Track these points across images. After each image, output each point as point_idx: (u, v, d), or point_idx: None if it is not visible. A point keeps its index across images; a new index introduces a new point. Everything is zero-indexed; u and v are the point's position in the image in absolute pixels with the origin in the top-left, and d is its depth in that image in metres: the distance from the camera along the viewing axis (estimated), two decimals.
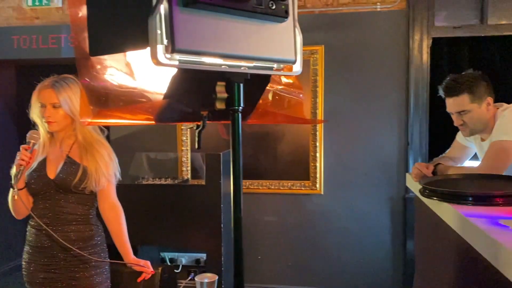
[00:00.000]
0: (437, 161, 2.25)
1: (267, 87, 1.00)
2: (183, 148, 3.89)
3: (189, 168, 3.90)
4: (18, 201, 1.96)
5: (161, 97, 0.88)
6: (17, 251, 4.51)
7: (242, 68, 0.89)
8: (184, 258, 3.87)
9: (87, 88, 0.81)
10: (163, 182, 3.45)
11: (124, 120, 0.89)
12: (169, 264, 3.81)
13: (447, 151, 2.42)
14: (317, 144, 3.66)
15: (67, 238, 2.01)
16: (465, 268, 1.44)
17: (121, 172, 2.16)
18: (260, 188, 3.79)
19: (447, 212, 1.53)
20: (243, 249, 0.89)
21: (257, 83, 0.96)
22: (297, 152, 3.71)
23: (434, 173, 2.09)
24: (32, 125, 2.10)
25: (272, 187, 3.77)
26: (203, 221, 3.15)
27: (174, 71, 0.88)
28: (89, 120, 0.82)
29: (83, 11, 0.84)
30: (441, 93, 2.19)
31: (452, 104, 2.13)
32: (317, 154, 3.66)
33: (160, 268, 3.21)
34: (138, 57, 0.90)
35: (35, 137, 1.97)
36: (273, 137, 3.76)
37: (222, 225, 3.08)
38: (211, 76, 0.88)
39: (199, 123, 0.93)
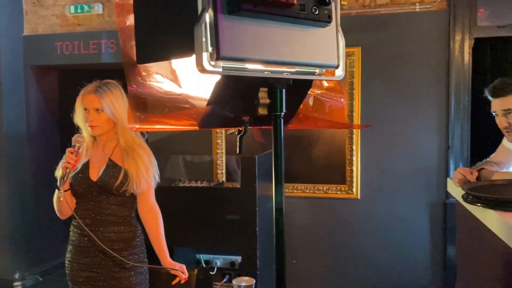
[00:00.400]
0: (481, 166, 2.16)
1: (308, 92, 1.00)
2: (218, 151, 3.93)
3: (224, 171, 3.94)
4: (63, 202, 2.02)
5: (205, 103, 0.89)
6: (59, 250, 4.68)
7: (285, 73, 0.89)
8: (219, 260, 3.89)
9: (134, 95, 0.83)
10: (199, 184, 3.49)
11: (169, 126, 0.90)
12: (204, 265, 3.85)
13: (492, 155, 2.33)
14: (354, 147, 3.61)
15: (108, 239, 2.06)
16: (510, 276, 1.38)
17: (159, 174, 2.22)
18: (295, 191, 3.77)
19: (491, 219, 1.47)
20: (285, 253, 0.89)
21: (298, 89, 0.95)
22: (332, 155, 3.67)
23: (477, 178, 2.01)
24: (76, 129, 2.17)
25: (307, 191, 3.75)
26: (238, 224, 3.17)
27: (217, 77, 0.89)
28: (137, 126, 0.84)
29: (130, 20, 0.87)
30: (487, 93, 2.12)
31: (498, 104, 2.05)
32: (354, 158, 3.61)
33: (196, 270, 3.25)
34: (182, 64, 0.91)
35: (80, 140, 2.01)
36: (308, 140, 3.74)
37: (257, 228, 3.08)
38: (253, 82, 0.89)
39: (240, 128, 0.93)
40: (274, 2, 0.81)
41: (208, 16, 0.79)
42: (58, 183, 1.99)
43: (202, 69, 0.79)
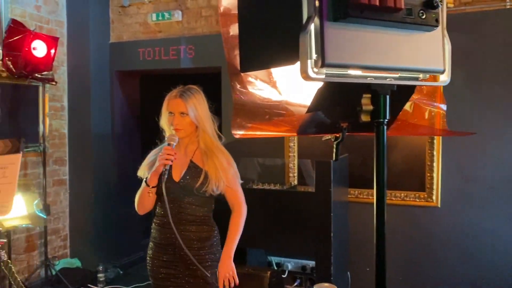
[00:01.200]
0: None
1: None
2: (290, 154, 3.93)
3: (296, 175, 3.93)
4: (150, 198, 2.13)
5: (304, 109, 0.89)
6: (138, 245, 4.94)
7: (388, 79, 0.86)
8: (290, 264, 3.89)
9: (238, 103, 0.86)
10: (272, 187, 3.51)
11: (269, 133, 0.92)
12: (275, 268, 3.86)
13: None
14: (434, 153, 3.43)
15: (187, 238, 2.14)
16: None
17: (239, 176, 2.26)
18: (370, 197, 3.66)
19: None
20: (386, 265, 0.86)
21: (400, 94, 0.93)
22: (411, 161, 3.52)
23: None
24: (159, 131, 2.28)
25: None
26: (311, 228, 3.14)
27: (317, 84, 0.89)
28: (240, 133, 0.86)
29: (233, 30, 0.89)
30: None
31: None
32: (434, 164, 3.44)
33: (269, 272, 3.28)
34: (282, 72, 0.92)
35: (174, 138, 2.09)
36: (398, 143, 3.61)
37: (332, 234, 3.04)
38: (355, 88, 0.88)
39: (337, 135, 0.92)
40: (382, 8, 0.79)
41: (313, 24, 0.79)
42: (149, 181, 2.09)
43: (306, 76, 0.79)
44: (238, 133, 0.87)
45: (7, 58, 3.70)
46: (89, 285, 4.17)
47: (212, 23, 4.17)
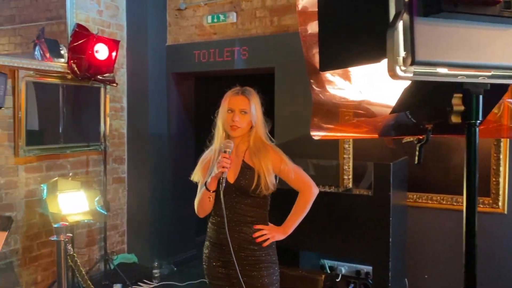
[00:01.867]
0: None
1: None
2: (345, 156, 3.85)
3: (350, 177, 3.84)
4: (211, 202, 2.15)
5: (385, 109, 0.85)
6: (191, 243, 5.03)
7: (480, 77, 0.81)
8: (344, 268, 3.81)
9: (317, 103, 0.84)
10: (327, 189, 3.46)
11: (350, 134, 0.89)
12: (328, 271, 3.80)
13: None
14: (501, 156, 3.24)
15: (243, 239, 2.14)
16: None
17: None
18: (429, 202, 3.52)
19: None
20: (476, 274, 0.81)
21: (490, 94, 0.87)
22: None
23: None
24: (212, 128, 2.28)
25: (444, 202, 3.47)
26: (368, 232, 3.06)
27: (400, 83, 0.85)
28: (321, 134, 0.84)
29: (312, 28, 0.87)
30: None
31: None
32: (500, 168, 3.24)
33: (323, 276, 3.23)
34: (362, 70, 0.89)
35: (230, 145, 2.11)
36: (446, 147, 3.46)
37: (390, 239, 2.94)
38: (444, 88, 0.83)
39: (421, 137, 0.88)
40: (477, 1, 0.74)
41: (402, 20, 0.76)
42: (209, 185, 2.12)
43: (394, 75, 0.76)
44: (318, 135, 0.84)
45: (72, 61, 3.89)
46: (144, 280, 4.30)
47: (266, 24, 4.17)
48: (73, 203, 3.67)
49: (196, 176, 2.28)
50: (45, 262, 3.91)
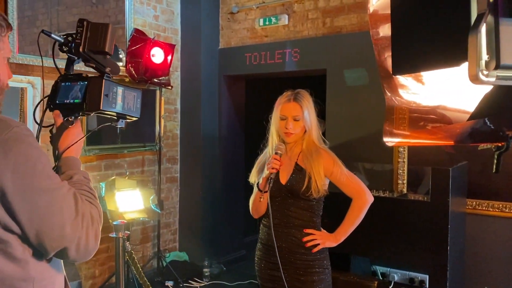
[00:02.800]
0: None
1: None
2: (399, 160, 3.74)
3: (405, 181, 3.73)
4: (263, 202, 2.16)
5: (462, 115, 0.82)
6: (240, 243, 5.08)
7: None
8: (396, 275, 3.69)
9: (390, 108, 0.82)
10: (381, 194, 3.37)
11: (424, 141, 0.86)
12: (380, 278, 3.71)
13: None
14: None
15: (293, 242, 2.14)
16: None
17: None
18: (490, 210, 3.34)
19: None
20: None
21: None
22: None
23: None
24: (264, 135, 2.30)
25: (506, 210, 3.28)
26: (424, 239, 2.96)
27: (479, 87, 0.82)
28: (395, 140, 0.82)
29: (384, 31, 0.85)
30: None
31: None
32: None
33: (376, 282, 3.16)
34: (438, 74, 0.86)
35: (282, 148, 2.15)
36: (509, 152, 3.27)
37: (449, 247, 2.82)
38: None
39: (500, 144, 0.83)
40: None
41: (486, 21, 0.73)
42: (261, 186, 2.15)
43: (476, 80, 0.73)
44: (391, 141, 0.82)
45: (130, 65, 4.05)
46: (195, 278, 4.39)
47: (318, 25, 4.14)
48: (130, 201, 3.81)
49: (252, 177, 2.32)
50: (102, 257, 4.09)
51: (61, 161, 1.21)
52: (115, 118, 1.34)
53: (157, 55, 4.08)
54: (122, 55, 4.16)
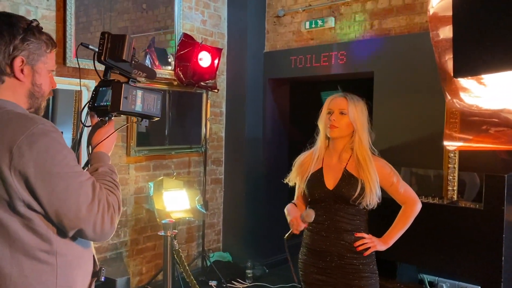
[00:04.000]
0: None
1: None
2: (449, 165, 3.61)
3: (455, 188, 3.59)
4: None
5: None
6: (281, 246, 5.06)
7: None
8: (445, 284, 3.58)
9: (451, 111, 0.80)
10: (430, 201, 3.27)
11: (487, 145, 0.84)
12: (428, 287, 3.59)
13: None
14: None
15: (342, 246, 2.12)
16: None
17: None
18: None
19: None
20: None
21: None
22: None
23: None
24: (309, 136, 2.30)
25: None
26: (476, 248, 2.84)
27: None
28: (457, 144, 0.80)
29: (444, 33, 0.84)
30: None
31: None
32: None
33: None
34: (501, 77, 0.84)
35: (311, 216, 2.10)
36: None
37: (503, 258, 2.70)
38: None
39: None
40: None
41: None
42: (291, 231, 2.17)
43: None
44: (452, 145, 0.81)
45: (178, 69, 4.17)
46: (238, 279, 4.43)
47: (365, 27, 4.09)
48: (176, 201, 3.92)
49: (293, 178, 2.32)
50: (149, 255, 4.22)
51: (91, 156, 1.39)
52: (139, 118, 1.49)
53: (204, 59, 4.17)
54: (170, 59, 4.28)
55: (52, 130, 1.16)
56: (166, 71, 4.21)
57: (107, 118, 1.45)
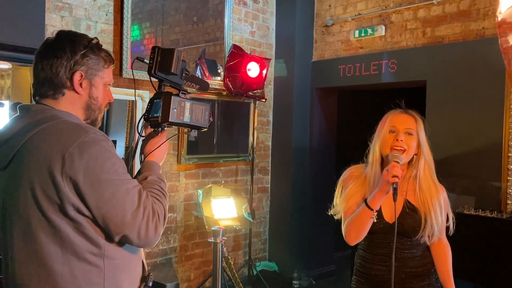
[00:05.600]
0: None
1: None
2: (509, 178, 3.44)
3: None
4: (369, 223, 1.82)
5: None
6: (329, 258, 5.00)
7: None
8: None
9: None
10: (488, 215, 3.12)
11: None
12: None
13: None
14: None
15: (404, 274, 1.90)
16: None
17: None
18: None
19: None
20: None
21: None
22: None
23: None
24: (368, 151, 1.98)
25: None
26: None
27: None
28: None
29: None
30: None
31: None
32: None
33: None
34: None
35: (399, 156, 1.78)
36: None
37: None
38: None
39: None
40: None
41: None
42: (372, 204, 1.79)
43: None
44: None
45: (227, 79, 4.25)
46: None
47: (418, 35, 3.99)
48: (224, 209, 3.97)
49: (343, 203, 1.94)
50: (197, 261, 4.29)
51: (143, 164, 1.44)
52: (188, 128, 1.54)
53: (253, 69, 4.22)
54: (220, 70, 4.38)
55: (102, 139, 1.22)
56: (215, 82, 4.30)
57: (159, 128, 1.49)
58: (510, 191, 3.43)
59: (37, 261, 1.19)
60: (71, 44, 1.29)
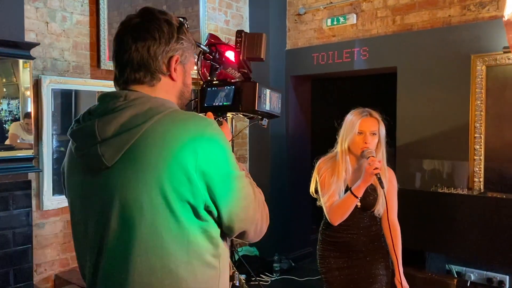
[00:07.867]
0: None
1: None
2: (475, 157, 3.67)
3: (482, 179, 3.65)
4: (353, 207, 2.26)
5: None
6: (306, 241, 5.16)
7: None
8: (472, 274, 3.63)
9: None
10: (459, 192, 3.34)
11: None
12: (455, 277, 3.66)
13: None
14: None
15: (365, 238, 2.38)
16: None
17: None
18: None
19: None
20: None
21: None
22: None
23: None
24: (328, 137, 2.38)
25: None
26: (505, 239, 2.90)
27: None
28: None
29: None
30: None
31: None
32: None
33: (455, 280, 3.14)
34: None
35: (371, 151, 2.21)
36: None
37: None
38: None
39: None
40: None
41: None
42: (357, 192, 2.20)
43: None
44: None
45: (204, 68, 4.26)
46: (266, 273, 4.54)
47: (388, 23, 4.15)
48: None
49: (324, 188, 2.36)
50: None
51: None
52: (261, 117, 1.50)
53: (230, 58, 4.25)
54: (195, 59, 4.38)
55: (221, 132, 1.11)
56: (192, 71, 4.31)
57: (223, 118, 1.41)
58: (477, 169, 3.67)
59: (161, 267, 1.05)
60: (168, 24, 1.14)
